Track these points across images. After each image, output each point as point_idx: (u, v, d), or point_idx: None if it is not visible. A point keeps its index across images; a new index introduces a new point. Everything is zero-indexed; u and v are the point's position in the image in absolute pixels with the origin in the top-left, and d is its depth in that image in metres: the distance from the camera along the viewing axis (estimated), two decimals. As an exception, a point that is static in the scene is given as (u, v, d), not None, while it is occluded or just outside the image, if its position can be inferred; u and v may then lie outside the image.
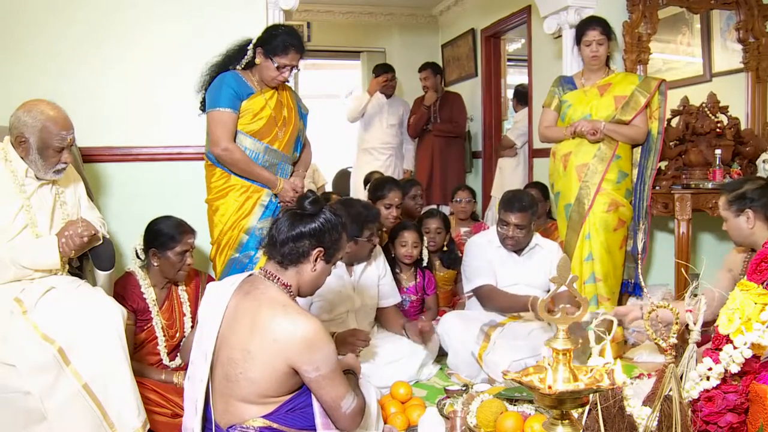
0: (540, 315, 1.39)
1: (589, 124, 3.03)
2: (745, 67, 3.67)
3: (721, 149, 3.22)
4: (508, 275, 2.91)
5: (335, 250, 1.80)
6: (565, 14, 3.42)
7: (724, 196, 2.40)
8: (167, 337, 2.38)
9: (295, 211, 1.78)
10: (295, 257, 1.73)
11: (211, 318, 1.71)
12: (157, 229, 2.37)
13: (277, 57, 2.51)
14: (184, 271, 2.40)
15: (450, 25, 6.05)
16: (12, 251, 1.96)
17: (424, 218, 3.45)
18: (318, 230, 1.74)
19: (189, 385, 1.74)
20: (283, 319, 1.61)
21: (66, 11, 2.73)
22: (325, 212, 1.77)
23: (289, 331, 1.60)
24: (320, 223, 1.74)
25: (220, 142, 2.48)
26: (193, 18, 2.87)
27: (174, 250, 2.33)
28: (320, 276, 1.80)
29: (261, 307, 1.65)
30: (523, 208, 2.81)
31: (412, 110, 5.15)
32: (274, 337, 1.60)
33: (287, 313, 1.63)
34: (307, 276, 1.76)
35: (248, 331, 1.63)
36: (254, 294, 1.69)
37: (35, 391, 1.78)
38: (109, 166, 2.82)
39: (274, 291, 1.71)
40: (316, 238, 1.74)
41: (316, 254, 1.75)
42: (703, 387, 1.71)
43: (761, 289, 1.76)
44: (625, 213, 3.09)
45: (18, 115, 2.03)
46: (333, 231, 1.77)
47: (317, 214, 1.76)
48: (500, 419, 2.04)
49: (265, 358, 1.61)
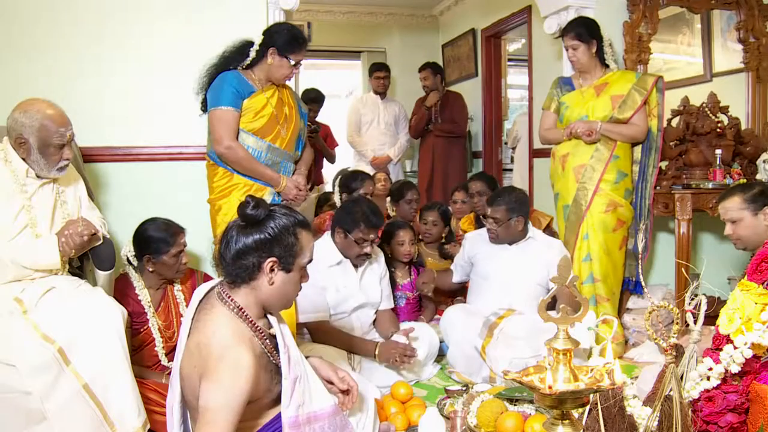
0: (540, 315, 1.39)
1: (585, 125, 3.03)
2: (746, 67, 3.67)
3: (721, 149, 3.22)
4: (499, 267, 2.92)
5: (292, 256, 1.58)
6: (565, 14, 3.42)
7: (738, 197, 2.34)
8: (165, 338, 2.38)
9: (239, 223, 1.59)
10: (245, 274, 1.55)
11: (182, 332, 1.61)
12: (147, 235, 2.35)
13: (293, 55, 2.54)
14: (182, 269, 2.40)
15: (450, 25, 6.05)
16: (12, 251, 1.96)
17: (423, 210, 3.50)
18: (263, 240, 1.55)
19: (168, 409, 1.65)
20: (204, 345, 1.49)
21: (66, 11, 2.73)
22: (273, 216, 1.58)
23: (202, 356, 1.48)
24: (267, 231, 1.56)
25: (222, 140, 2.48)
26: (193, 18, 2.87)
27: (169, 254, 2.33)
28: (284, 287, 1.60)
29: (196, 330, 1.54)
30: (498, 202, 2.88)
31: (414, 111, 5.16)
32: (194, 363, 1.49)
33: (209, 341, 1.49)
34: (266, 291, 1.57)
35: (185, 355, 1.54)
36: (202, 315, 1.57)
37: (35, 391, 1.78)
38: (110, 166, 2.82)
39: (219, 312, 1.55)
40: (264, 248, 1.55)
41: (268, 266, 1.56)
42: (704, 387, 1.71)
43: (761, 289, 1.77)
44: (624, 213, 3.08)
45: (14, 116, 2.02)
46: (284, 235, 1.57)
47: (264, 221, 1.57)
48: (500, 419, 2.04)
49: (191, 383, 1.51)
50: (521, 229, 2.91)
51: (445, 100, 5.06)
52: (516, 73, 6.66)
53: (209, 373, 1.44)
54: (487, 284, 2.93)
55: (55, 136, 2.02)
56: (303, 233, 1.62)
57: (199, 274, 2.60)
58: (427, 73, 5.04)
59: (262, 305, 1.61)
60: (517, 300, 2.83)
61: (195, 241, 2.84)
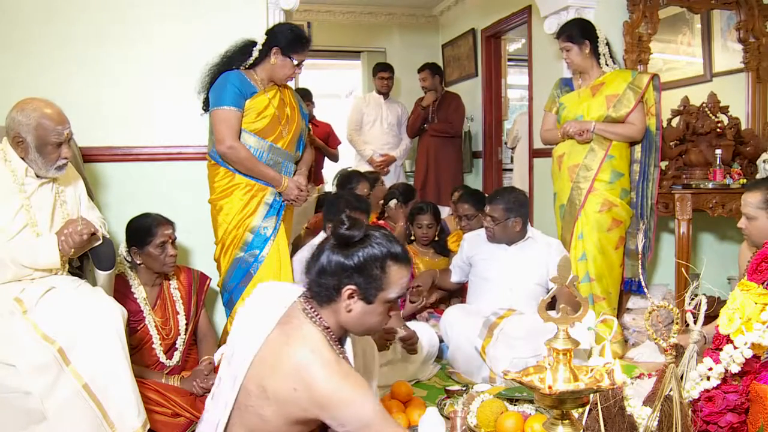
0: (540, 315, 1.39)
1: (577, 125, 3.03)
2: (746, 67, 3.67)
3: (721, 149, 3.22)
4: (498, 268, 2.92)
5: (376, 288, 1.50)
6: (565, 14, 3.42)
7: (760, 194, 2.26)
8: (162, 336, 2.38)
9: (334, 243, 1.53)
10: (324, 294, 1.51)
11: (249, 338, 1.52)
12: (133, 227, 2.40)
13: (296, 54, 2.55)
14: (170, 262, 2.40)
15: (450, 25, 6.05)
16: (12, 251, 1.96)
17: (416, 214, 3.50)
18: (346, 266, 1.49)
19: (212, 404, 1.61)
20: (306, 369, 1.41)
21: (66, 12, 2.73)
22: (366, 241, 1.51)
23: (307, 386, 1.40)
24: (353, 258, 1.49)
25: (225, 140, 2.48)
26: (193, 18, 2.87)
27: (153, 243, 2.35)
28: (364, 317, 1.53)
29: (289, 346, 1.45)
30: (497, 202, 2.91)
31: (412, 110, 5.17)
32: (294, 386, 1.41)
33: (310, 363, 1.41)
34: (344, 317, 1.52)
35: (269, 368, 1.45)
36: (286, 328, 1.50)
37: (35, 391, 1.78)
38: (109, 166, 2.82)
39: (308, 329, 1.49)
40: (346, 274, 1.49)
41: (347, 293, 1.50)
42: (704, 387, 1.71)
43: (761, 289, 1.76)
44: (619, 213, 3.07)
45: (12, 116, 2.02)
46: (370, 265, 1.49)
47: (355, 245, 1.50)
48: (500, 419, 2.04)
49: (281, 403, 1.44)
50: (518, 230, 2.91)
51: (442, 100, 5.07)
52: (516, 73, 6.66)
53: (337, 397, 1.40)
54: (486, 284, 2.93)
55: (52, 135, 2.02)
56: (394, 267, 1.53)
57: (196, 273, 2.60)
58: (426, 73, 5.04)
59: (342, 328, 1.57)
60: (516, 300, 2.83)
61: (195, 241, 2.85)
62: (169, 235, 2.40)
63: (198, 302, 2.54)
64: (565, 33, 3.08)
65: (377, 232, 1.55)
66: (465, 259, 3.08)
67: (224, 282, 2.60)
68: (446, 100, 5.11)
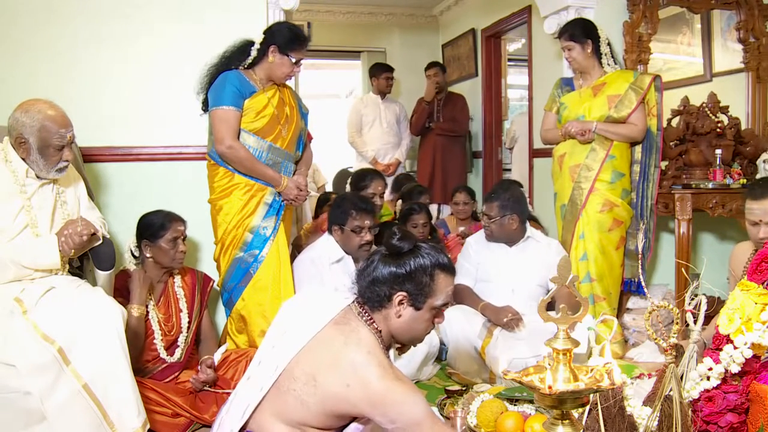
0: (540, 315, 1.39)
1: (579, 125, 3.03)
2: (746, 67, 3.67)
3: (721, 149, 3.22)
4: (499, 269, 2.92)
5: (424, 295, 1.61)
6: (565, 14, 3.42)
7: None
8: (164, 332, 2.39)
9: (383, 251, 1.66)
10: (376, 300, 1.62)
11: (299, 331, 1.60)
12: (147, 221, 2.43)
13: (294, 52, 2.54)
14: (179, 258, 2.42)
15: (450, 25, 6.05)
16: (12, 251, 1.96)
17: (410, 215, 3.50)
18: (398, 274, 1.60)
19: (246, 384, 1.65)
20: (362, 368, 1.49)
21: (66, 11, 2.73)
22: (415, 252, 1.63)
23: (362, 383, 1.48)
24: (405, 266, 1.60)
25: (224, 140, 2.48)
26: (193, 18, 2.87)
27: (165, 238, 2.38)
28: (412, 323, 1.63)
29: (347, 346, 1.54)
30: (492, 199, 2.91)
31: (414, 109, 5.17)
32: (348, 383, 1.49)
33: (368, 363, 1.50)
34: (394, 323, 1.62)
35: (328, 364, 1.53)
36: (344, 329, 1.59)
37: (35, 391, 1.78)
38: (110, 166, 2.82)
39: (364, 332, 1.59)
40: (397, 282, 1.60)
41: (398, 299, 1.60)
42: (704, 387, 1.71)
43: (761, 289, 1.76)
44: (620, 213, 3.07)
45: (16, 116, 2.02)
46: (420, 273, 1.60)
47: (405, 255, 1.62)
48: (500, 419, 2.04)
49: (330, 394, 1.51)
50: (516, 227, 2.90)
51: (447, 100, 5.08)
52: (516, 73, 6.65)
53: (390, 396, 1.47)
54: (488, 286, 2.93)
55: (55, 137, 2.02)
56: (441, 276, 1.64)
57: (200, 274, 2.61)
58: (436, 70, 5.06)
59: (391, 335, 1.66)
60: (518, 301, 2.82)
61: (195, 241, 2.85)
62: (181, 231, 2.43)
63: (201, 302, 2.55)
64: (567, 32, 3.08)
65: (425, 243, 1.68)
66: (474, 264, 3.01)
67: (224, 282, 2.60)
68: (452, 99, 5.12)
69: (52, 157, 2.04)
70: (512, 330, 2.67)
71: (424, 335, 1.70)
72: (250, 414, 1.58)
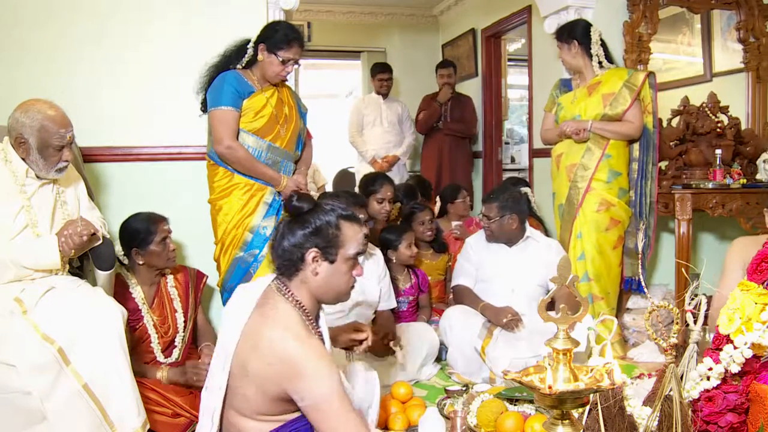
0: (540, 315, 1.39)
1: (574, 124, 3.04)
2: (746, 67, 3.67)
3: (721, 149, 3.22)
4: (499, 270, 2.92)
5: (334, 246, 1.64)
6: (565, 14, 3.42)
7: None
8: (160, 334, 2.38)
9: (287, 218, 1.68)
10: (291, 266, 1.63)
11: (232, 327, 1.61)
12: (131, 229, 2.40)
13: (281, 51, 2.53)
14: (172, 257, 2.43)
15: (450, 25, 6.05)
16: (12, 251, 1.96)
17: (416, 212, 3.49)
18: (305, 233, 1.63)
19: (206, 394, 1.66)
20: (278, 343, 1.50)
21: (66, 11, 2.73)
22: (316, 209, 1.66)
23: (279, 357, 1.49)
24: (309, 224, 1.63)
25: (223, 140, 2.48)
26: (193, 18, 2.87)
27: (154, 242, 2.37)
28: (331, 278, 1.65)
29: (265, 325, 1.55)
30: (491, 200, 2.92)
31: (422, 106, 5.16)
32: (269, 361, 1.50)
33: (284, 338, 1.51)
34: (313, 283, 1.64)
35: (249, 348, 1.54)
36: (264, 310, 1.60)
37: (35, 391, 1.78)
38: (110, 166, 2.82)
39: (282, 307, 1.60)
40: (307, 240, 1.62)
41: (310, 256, 1.62)
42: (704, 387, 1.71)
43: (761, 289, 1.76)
44: (617, 212, 3.06)
45: (15, 116, 2.02)
46: (326, 227, 1.64)
47: (307, 214, 1.65)
48: (500, 419, 2.04)
49: (259, 380, 1.52)
50: (515, 228, 2.91)
51: (456, 101, 5.09)
52: (516, 73, 6.65)
53: (301, 369, 1.47)
54: (488, 286, 2.92)
55: (55, 138, 2.02)
56: (346, 225, 1.67)
57: (192, 271, 2.61)
58: (450, 70, 5.08)
59: (315, 298, 1.67)
60: (517, 301, 2.82)
61: (196, 241, 2.85)
62: (167, 230, 2.43)
63: (195, 299, 2.55)
64: (558, 33, 3.14)
65: (323, 200, 1.72)
66: (474, 264, 3.02)
67: (224, 282, 2.60)
68: (460, 100, 5.13)
69: (51, 157, 2.04)
70: (512, 330, 2.67)
71: (347, 289, 1.70)
72: (219, 418, 1.60)
